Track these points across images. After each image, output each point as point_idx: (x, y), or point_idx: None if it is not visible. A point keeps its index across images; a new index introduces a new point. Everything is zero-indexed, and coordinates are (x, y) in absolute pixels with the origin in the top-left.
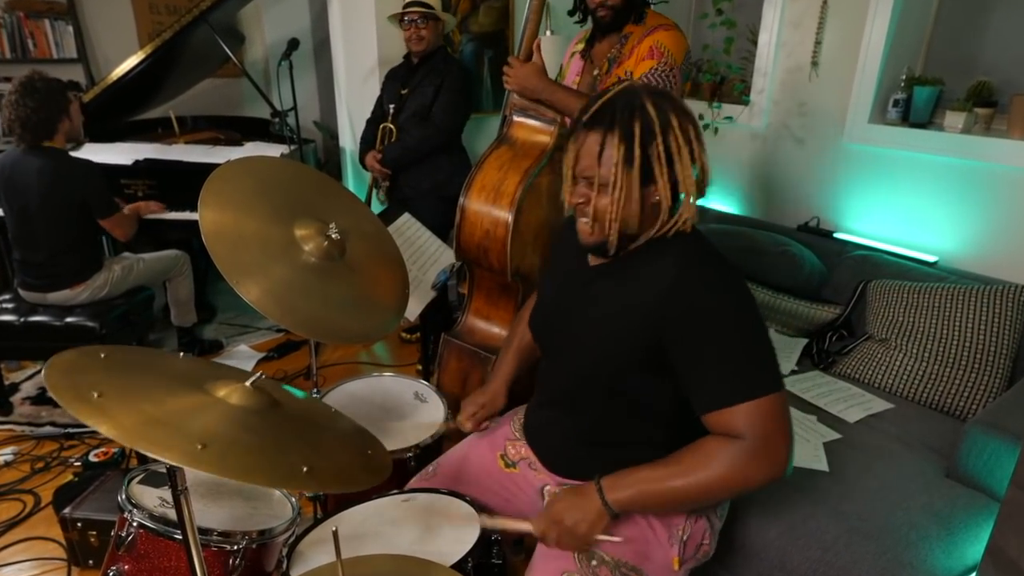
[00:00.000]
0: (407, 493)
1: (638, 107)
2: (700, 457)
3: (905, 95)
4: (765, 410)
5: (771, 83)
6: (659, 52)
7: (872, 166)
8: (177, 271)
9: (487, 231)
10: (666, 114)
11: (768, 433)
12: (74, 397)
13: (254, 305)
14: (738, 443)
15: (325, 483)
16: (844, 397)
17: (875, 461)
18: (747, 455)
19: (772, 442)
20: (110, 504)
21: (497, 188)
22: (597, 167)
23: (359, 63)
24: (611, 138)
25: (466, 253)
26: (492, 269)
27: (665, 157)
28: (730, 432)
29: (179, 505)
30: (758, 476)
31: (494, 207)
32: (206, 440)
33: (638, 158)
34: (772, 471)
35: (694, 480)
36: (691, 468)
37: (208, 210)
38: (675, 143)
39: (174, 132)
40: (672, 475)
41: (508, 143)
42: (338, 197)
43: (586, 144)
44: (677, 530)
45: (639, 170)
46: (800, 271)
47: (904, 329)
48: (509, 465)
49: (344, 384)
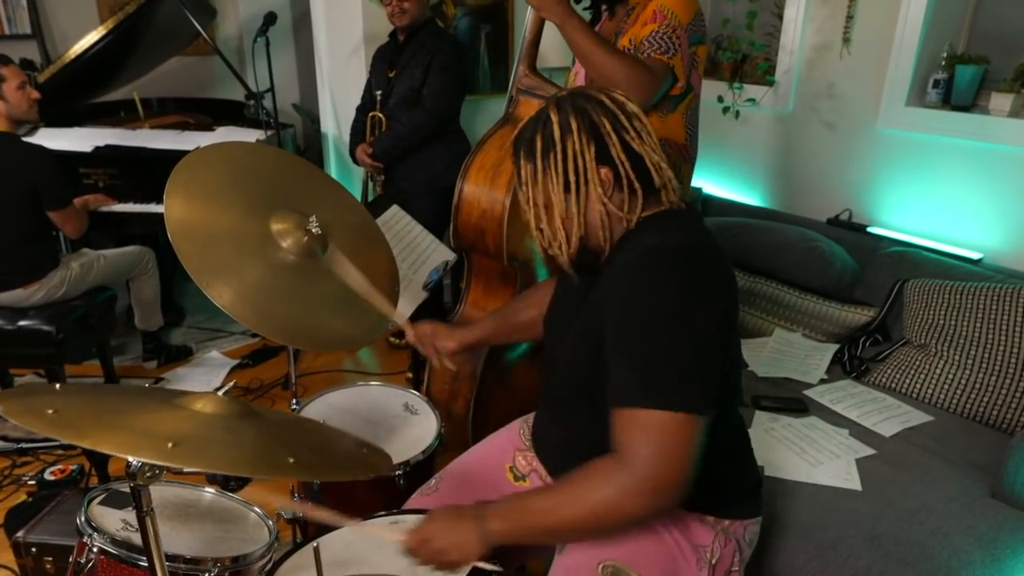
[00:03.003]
0: (396, 515)
1: (542, 120)
2: (589, 479)
3: (946, 75)
4: (664, 427)
5: (798, 62)
6: (661, 15)
7: (909, 153)
8: (141, 269)
9: (484, 211)
10: (566, 116)
11: (659, 455)
12: (27, 414)
13: (226, 310)
14: (624, 464)
15: (315, 471)
16: (879, 409)
17: (913, 479)
18: (631, 479)
19: (660, 468)
20: (68, 527)
21: (496, 167)
22: (535, 196)
23: (343, 40)
24: (524, 161)
25: (463, 238)
26: (489, 253)
27: (563, 164)
28: (619, 441)
29: (144, 528)
30: (639, 507)
31: (492, 187)
32: (177, 439)
33: (540, 172)
34: (654, 505)
35: (581, 509)
36: (579, 494)
37: (175, 202)
38: (572, 147)
39: (138, 116)
40: (560, 505)
41: (513, 123)
42: (320, 186)
43: (519, 177)
44: (706, 552)
45: (560, 183)
46: (830, 269)
47: (945, 333)
48: (519, 478)
49: (326, 394)
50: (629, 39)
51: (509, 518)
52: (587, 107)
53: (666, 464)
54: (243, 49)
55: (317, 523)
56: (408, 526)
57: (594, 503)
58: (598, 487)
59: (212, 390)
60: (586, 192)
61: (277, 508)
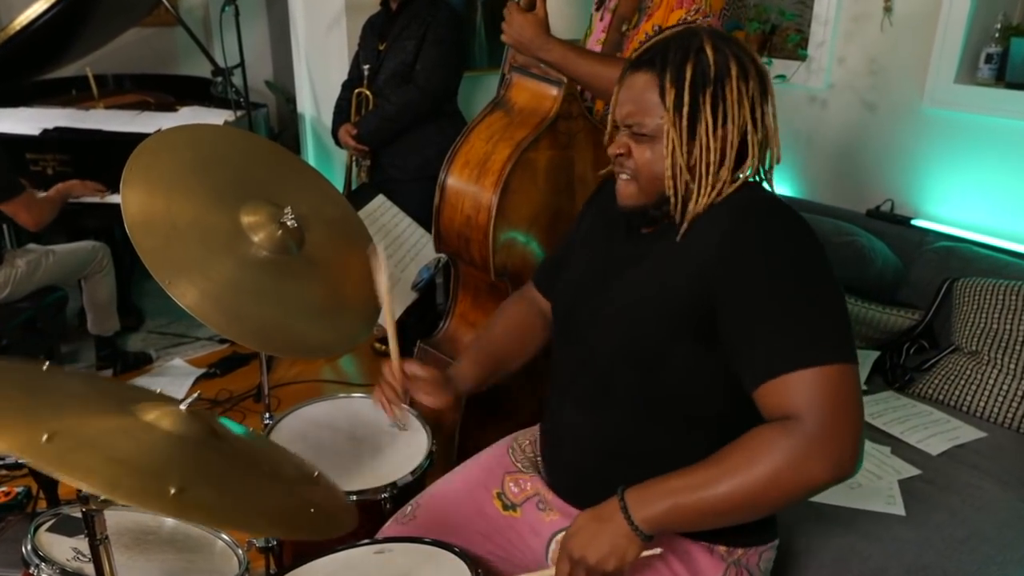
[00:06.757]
0: (382, 543)
1: (695, 49)
2: (747, 451)
3: (1000, 48)
4: (829, 381)
5: (834, 34)
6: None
7: (959, 136)
8: (95, 267)
9: (468, 217)
10: (725, 59)
11: (834, 411)
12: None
13: (190, 311)
14: (794, 427)
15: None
16: (924, 424)
17: (962, 504)
18: (808, 440)
19: (838, 424)
20: (13, 557)
21: (482, 164)
22: (640, 113)
23: (322, 8)
24: (659, 80)
25: (446, 244)
26: (475, 264)
27: (714, 109)
28: (785, 411)
29: (98, 558)
30: (819, 470)
31: (477, 187)
32: (55, 432)
33: (687, 105)
34: (837, 466)
35: (741, 482)
36: (737, 467)
37: (133, 192)
38: (731, 94)
39: (92, 95)
40: (714, 479)
41: (504, 107)
42: (295, 174)
43: (630, 86)
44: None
45: (687, 120)
46: (870, 267)
47: (999, 339)
48: (508, 508)
49: (303, 408)
50: (653, 27)
51: (658, 502)
52: (743, 56)
53: (844, 420)
54: (209, 19)
55: (292, 551)
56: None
57: (764, 471)
58: (766, 453)
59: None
60: (708, 142)
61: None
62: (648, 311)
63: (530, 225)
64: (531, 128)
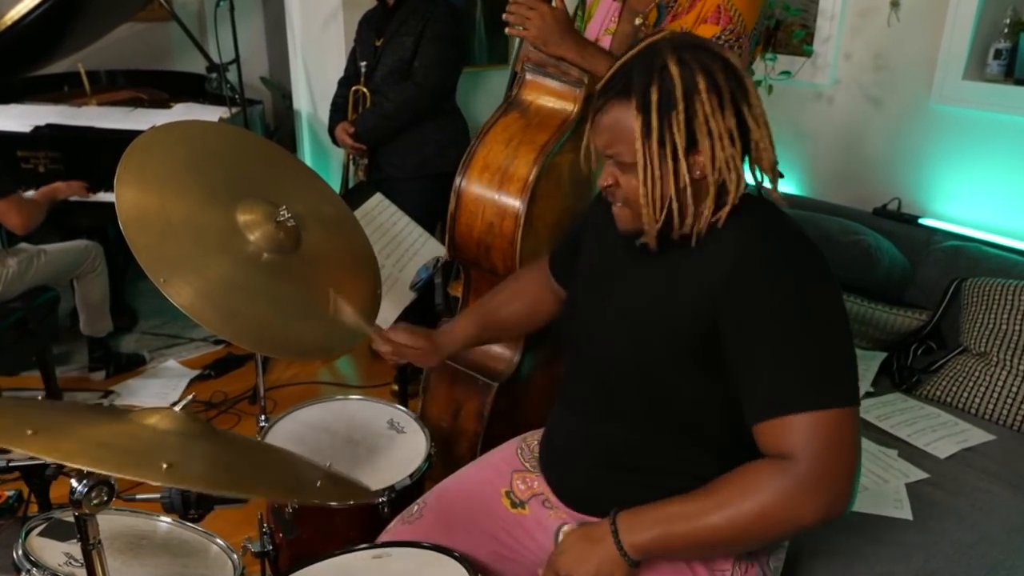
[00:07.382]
0: (380, 548)
1: (657, 68)
2: (742, 484)
3: (1009, 44)
4: (828, 426)
5: (840, 29)
6: (727, 15)
7: (967, 134)
8: (88, 267)
9: (491, 224)
10: (692, 73)
11: (828, 456)
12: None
13: (185, 311)
14: (788, 467)
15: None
16: (932, 426)
17: (971, 508)
18: (800, 482)
19: (832, 468)
20: (4, 562)
21: (505, 169)
22: (617, 143)
23: (318, 3)
24: (627, 108)
25: (463, 251)
26: (495, 272)
27: (688, 128)
28: (783, 450)
29: (90, 562)
30: (809, 511)
31: (501, 193)
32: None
33: (655, 131)
34: (827, 507)
35: (731, 515)
36: (730, 499)
37: (127, 190)
38: (703, 108)
39: (84, 91)
40: (706, 510)
41: (519, 109)
42: (292, 173)
43: (602, 116)
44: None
45: (658, 146)
46: (876, 267)
47: (1008, 340)
48: (516, 505)
49: (299, 410)
50: (681, 30)
51: (648, 529)
52: (710, 66)
53: (838, 464)
54: (204, 14)
55: (288, 557)
56: (393, 560)
57: (754, 508)
58: (757, 490)
59: (169, 405)
60: (693, 161)
61: (243, 540)
62: (648, 326)
63: (553, 230)
64: (552, 131)
